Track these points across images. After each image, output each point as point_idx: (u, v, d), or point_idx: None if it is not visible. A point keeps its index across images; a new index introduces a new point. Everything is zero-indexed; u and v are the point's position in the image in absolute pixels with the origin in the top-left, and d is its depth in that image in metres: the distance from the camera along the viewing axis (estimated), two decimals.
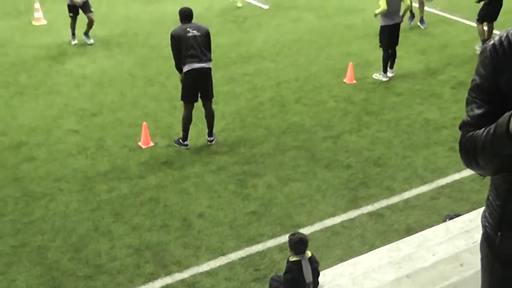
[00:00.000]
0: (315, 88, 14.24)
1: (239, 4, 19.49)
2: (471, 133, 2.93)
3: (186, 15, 11.52)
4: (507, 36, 2.90)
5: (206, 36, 11.49)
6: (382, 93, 14.05)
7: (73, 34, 16.92)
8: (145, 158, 11.59)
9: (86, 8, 16.55)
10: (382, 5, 13.99)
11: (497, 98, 2.88)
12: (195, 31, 11.35)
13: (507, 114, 2.64)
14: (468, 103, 3.02)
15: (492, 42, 2.93)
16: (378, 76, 14.70)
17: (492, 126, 2.74)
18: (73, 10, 16.43)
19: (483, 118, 2.90)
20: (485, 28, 15.79)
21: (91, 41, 16.94)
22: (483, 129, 2.82)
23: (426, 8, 18.70)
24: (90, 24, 16.87)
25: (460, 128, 3.04)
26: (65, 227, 9.67)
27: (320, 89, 14.22)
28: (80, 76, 14.75)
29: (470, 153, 2.94)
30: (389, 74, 14.72)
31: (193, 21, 11.63)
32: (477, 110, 2.96)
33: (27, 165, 11.35)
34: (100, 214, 10.02)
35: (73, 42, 16.93)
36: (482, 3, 15.73)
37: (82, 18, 16.79)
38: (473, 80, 3.00)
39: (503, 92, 2.87)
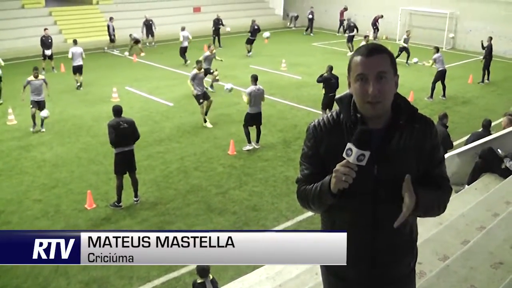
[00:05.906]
0: (208, 159, 14.19)
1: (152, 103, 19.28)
2: (303, 187, 3.03)
3: (117, 111, 11.29)
4: (323, 119, 3.04)
5: (132, 127, 11.34)
6: (255, 160, 14.15)
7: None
8: (90, 216, 11.20)
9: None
10: (246, 99, 14.41)
11: (319, 162, 2.98)
12: (125, 125, 11.20)
13: (328, 177, 2.79)
14: (300, 165, 3.12)
15: (313, 123, 3.05)
16: (246, 147, 14.80)
17: (319, 184, 2.88)
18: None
19: (310, 176, 3.00)
20: (327, 113, 16.27)
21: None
22: (312, 185, 2.94)
23: (283, 100, 19.07)
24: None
25: (296, 182, 3.13)
26: (33, 271, 9.20)
27: (211, 159, 14.18)
28: (41, 160, 14.19)
29: (304, 201, 3.05)
30: (255, 146, 14.87)
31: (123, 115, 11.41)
32: (306, 170, 3.06)
33: (5, 227, 10.71)
34: None
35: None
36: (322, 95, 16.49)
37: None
38: (302, 149, 3.11)
39: (322, 158, 2.97)
